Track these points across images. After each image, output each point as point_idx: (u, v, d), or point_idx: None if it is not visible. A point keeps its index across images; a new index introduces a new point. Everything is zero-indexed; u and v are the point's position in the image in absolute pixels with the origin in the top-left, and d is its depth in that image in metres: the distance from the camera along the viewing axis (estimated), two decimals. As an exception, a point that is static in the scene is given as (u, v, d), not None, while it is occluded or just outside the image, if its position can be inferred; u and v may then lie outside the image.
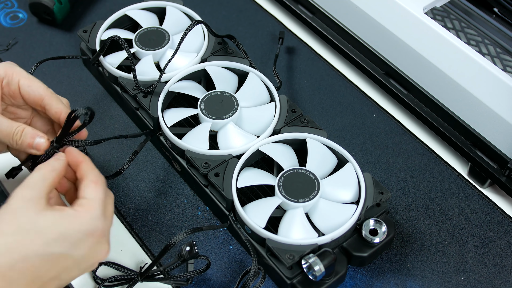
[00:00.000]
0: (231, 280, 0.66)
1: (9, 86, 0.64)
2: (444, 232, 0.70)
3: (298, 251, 0.60)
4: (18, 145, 0.61)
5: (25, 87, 0.64)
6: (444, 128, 0.76)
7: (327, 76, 0.85)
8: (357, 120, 0.80)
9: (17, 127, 0.61)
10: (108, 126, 0.79)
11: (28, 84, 0.64)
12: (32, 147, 0.61)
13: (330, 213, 0.64)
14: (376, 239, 0.64)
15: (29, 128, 0.62)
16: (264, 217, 0.63)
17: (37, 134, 0.62)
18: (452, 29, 0.78)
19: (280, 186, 0.65)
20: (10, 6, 0.92)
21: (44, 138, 0.62)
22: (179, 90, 0.73)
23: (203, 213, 0.71)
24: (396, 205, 0.72)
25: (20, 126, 0.62)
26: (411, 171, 0.75)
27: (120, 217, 0.71)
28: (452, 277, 0.67)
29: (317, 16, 0.88)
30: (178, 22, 0.81)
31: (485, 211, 0.72)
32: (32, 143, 0.61)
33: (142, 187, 0.73)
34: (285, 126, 0.70)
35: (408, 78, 0.78)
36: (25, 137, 0.61)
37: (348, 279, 0.66)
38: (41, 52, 0.86)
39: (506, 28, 0.79)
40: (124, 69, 0.77)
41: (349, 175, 0.66)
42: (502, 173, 0.71)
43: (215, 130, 0.71)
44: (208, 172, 0.66)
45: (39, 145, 0.61)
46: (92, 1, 0.93)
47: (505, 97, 0.69)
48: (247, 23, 0.91)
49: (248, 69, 0.75)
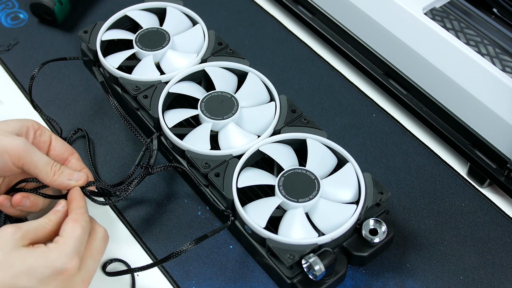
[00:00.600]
0: (231, 280, 0.67)
1: (40, 137, 0.67)
2: (444, 231, 0.71)
3: (298, 251, 0.60)
4: (55, 177, 0.63)
5: (57, 140, 0.68)
6: (444, 128, 0.76)
7: (327, 77, 0.85)
8: (356, 120, 0.80)
9: (55, 162, 0.64)
10: (108, 126, 0.79)
11: (59, 140, 0.68)
12: (72, 178, 0.63)
13: (330, 213, 0.64)
14: (376, 238, 0.64)
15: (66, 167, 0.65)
16: (265, 217, 0.63)
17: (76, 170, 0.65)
18: (452, 29, 0.79)
19: (280, 186, 0.65)
20: (11, 7, 0.92)
21: (84, 172, 0.65)
22: (179, 91, 0.73)
23: (203, 213, 0.72)
24: (396, 205, 0.73)
25: (58, 163, 0.64)
26: (411, 171, 0.76)
27: (120, 217, 0.71)
28: (451, 276, 0.67)
29: (317, 16, 0.88)
30: (178, 22, 0.81)
31: (484, 210, 0.72)
32: (72, 173, 0.63)
33: (143, 186, 0.74)
34: (285, 126, 0.70)
35: (407, 79, 0.78)
36: (65, 168, 0.64)
37: (348, 278, 0.67)
38: (41, 52, 0.87)
39: (505, 29, 0.79)
40: (124, 69, 0.77)
41: (349, 175, 0.66)
42: (501, 173, 0.71)
43: (215, 130, 0.71)
44: (208, 172, 0.66)
45: (80, 176, 0.64)
46: (92, 2, 0.93)
47: (504, 97, 0.69)
48: (247, 24, 0.91)
49: (247, 69, 0.75)
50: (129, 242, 0.69)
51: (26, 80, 0.83)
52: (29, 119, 0.67)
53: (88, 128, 0.79)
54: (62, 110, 0.81)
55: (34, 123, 0.67)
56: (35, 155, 0.62)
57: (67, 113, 0.80)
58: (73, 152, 0.69)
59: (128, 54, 0.77)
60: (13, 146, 0.61)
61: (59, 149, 0.68)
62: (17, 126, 0.65)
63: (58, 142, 0.68)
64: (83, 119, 0.80)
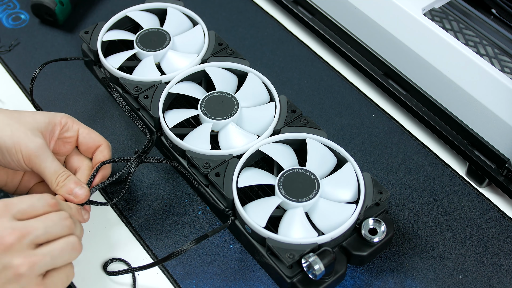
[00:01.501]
0: (232, 279, 0.67)
1: (67, 133, 0.68)
2: (443, 231, 0.71)
3: (298, 250, 0.61)
4: (58, 186, 0.64)
5: (84, 134, 0.68)
6: (443, 128, 0.76)
7: (327, 77, 0.85)
8: (356, 121, 0.81)
9: (64, 171, 0.64)
10: (109, 126, 0.79)
11: (87, 132, 0.69)
12: (71, 192, 0.64)
13: (330, 213, 0.64)
14: (376, 238, 0.64)
15: (74, 176, 0.65)
16: (265, 217, 0.63)
17: (80, 184, 0.65)
18: (451, 30, 0.79)
19: (280, 186, 0.65)
20: (12, 7, 0.92)
21: (86, 189, 0.64)
22: (180, 91, 0.74)
23: (204, 212, 0.72)
24: (395, 204, 0.73)
25: (67, 171, 0.65)
26: (410, 171, 0.76)
27: (121, 217, 0.71)
28: (450, 276, 0.67)
29: (316, 17, 0.88)
30: (178, 23, 0.81)
31: (483, 210, 0.73)
32: (73, 189, 0.64)
33: (143, 186, 0.74)
34: (285, 126, 0.71)
35: (406, 79, 0.79)
36: (69, 181, 0.64)
37: (348, 278, 0.67)
38: (43, 53, 0.87)
39: (504, 29, 0.80)
40: (125, 70, 0.78)
41: (349, 175, 0.67)
42: (500, 172, 0.72)
43: (216, 130, 0.71)
44: (208, 172, 0.67)
45: (78, 194, 0.64)
46: (93, 3, 0.93)
47: (503, 97, 0.70)
48: (247, 24, 0.91)
49: (247, 69, 0.76)
50: (130, 242, 0.70)
51: (27, 81, 0.83)
52: (60, 113, 0.68)
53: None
54: (63, 110, 0.81)
55: (63, 118, 0.67)
56: (44, 162, 0.63)
57: (68, 113, 0.79)
58: (101, 143, 0.69)
59: (128, 55, 0.77)
60: (27, 148, 0.62)
61: (86, 144, 0.69)
62: (44, 122, 0.66)
63: (85, 137, 0.68)
64: (84, 119, 0.80)
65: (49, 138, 0.66)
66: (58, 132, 0.67)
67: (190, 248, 0.63)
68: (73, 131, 0.68)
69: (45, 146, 0.64)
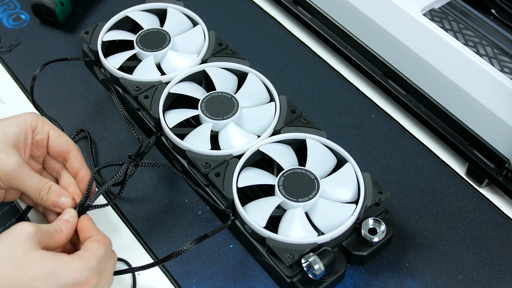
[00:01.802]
0: (232, 279, 0.67)
1: (38, 136, 0.65)
2: (442, 231, 0.71)
3: (298, 250, 0.61)
4: (43, 201, 0.62)
5: (54, 137, 0.65)
6: (442, 128, 0.76)
7: (326, 77, 0.85)
8: (356, 121, 0.81)
9: (46, 183, 0.62)
10: (109, 126, 0.80)
11: (58, 135, 0.65)
12: (56, 205, 0.62)
13: (330, 213, 0.64)
14: (375, 238, 0.65)
15: (55, 185, 0.63)
16: (265, 217, 0.63)
17: (62, 193, 0.63)
18: (450, 30, 0.79)
19: (280, 186, 0.65)
20: (13, 8, 0.92)
21: (69, 198, 0.63)
22: (180, 91, 0.74)
23: (204, 212, 0.72)
24: (395, 204, 0.73)
25: (48, 183, 0.63)
26: (410, 170, 0.76)
27: (121, 216, 0.72)
28: (450, 275, 0.68)
29: (316, 17, 0.88)
30: (179, 23, 0.81)
31: (482, 210, 0.73)
32: (57, 201, 0.62)
33: (143, 186, 0.74)
34: (285, 126, 0.71)
35: (406, 79, 0.79)
36: (51, 194, 0.62)
37: (347, 277, 0.67)
38: (43, 53, 0.87)
39: (504, 30, 0.80)
40: (125, 70, 0.78)
41: (348, 174, 0.67)
42: (499, 172, 0.72)
43: (216, 130, 0.71)
44: (209, 172, 0.67)
45: (64, 204, 0.62)
46: (93, 3, 0.93)
47: (503, 97, 0.70)
48: (247, 24, 0.91)
49: (247, 69, 0.76)
50: (130, 242, 0.70)
51: (27, 81, 0.83)
52: (28, 114, 0.65)
53: (89, 129, 0.79)
54: (63, 110, 0.81)
55: (33, 120, 0.64)
56: (23, 182, 0.61)
57: (68, 113, 0.81)
58: (71, 148, 0.66)
59: (129, 55, 0.77)
60: (3, 171, 0.60)
61: (56, 148, 0.66)
62: (14, 133, 0.62)
63: (54, 140, 0.65)
64: (84, 120, 0.80)
65: (24, 147, 0.64)
66: (31, 138, 0.64)
67: (190, 248, 0.63)
68: (43, 133, 0.65)
69: (21, 164, 0.61)
